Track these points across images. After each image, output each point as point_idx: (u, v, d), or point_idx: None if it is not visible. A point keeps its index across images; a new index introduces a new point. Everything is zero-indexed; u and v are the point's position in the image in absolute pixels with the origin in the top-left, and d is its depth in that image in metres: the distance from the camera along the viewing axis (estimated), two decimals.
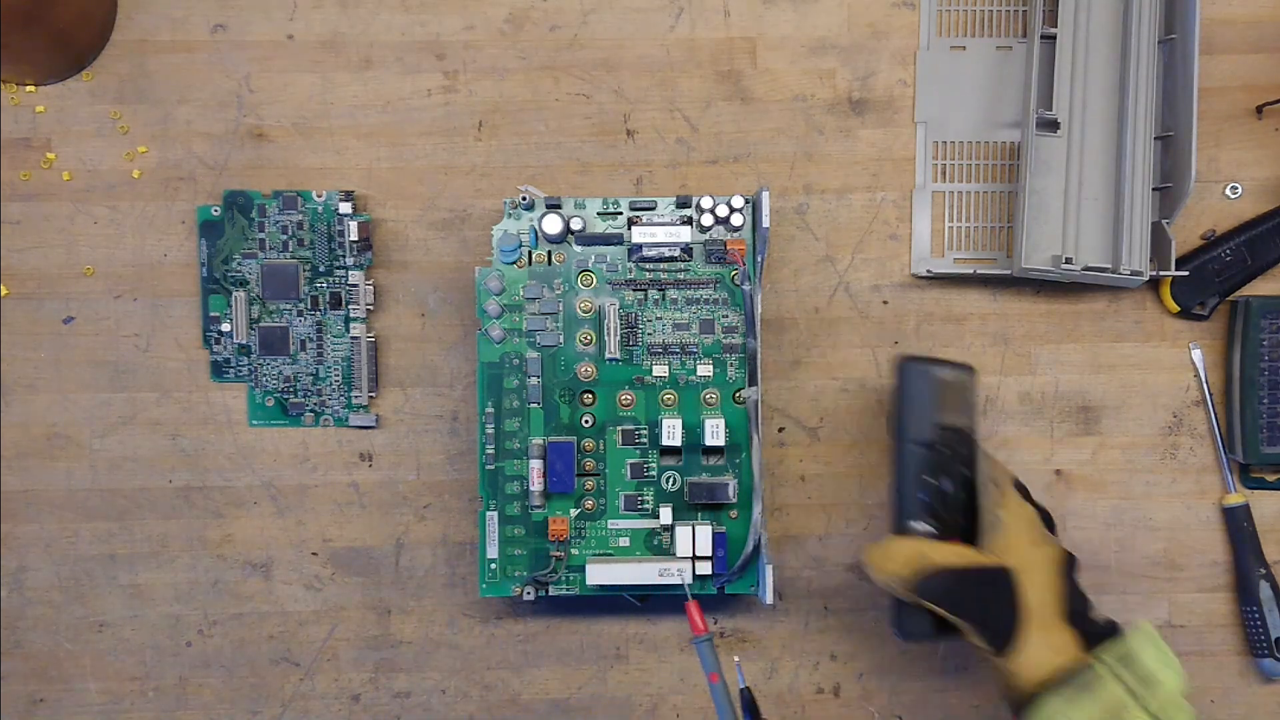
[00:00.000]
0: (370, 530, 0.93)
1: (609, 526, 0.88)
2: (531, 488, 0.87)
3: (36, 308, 0.92)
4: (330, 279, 0.91)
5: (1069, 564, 0.77)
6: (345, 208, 0.91)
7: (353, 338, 0.92)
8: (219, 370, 0.92)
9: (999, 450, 0.93)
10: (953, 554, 0.75)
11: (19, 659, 0.93)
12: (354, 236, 0.91)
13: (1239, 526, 0.93)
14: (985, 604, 0.74)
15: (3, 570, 0.93)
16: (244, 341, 0.92)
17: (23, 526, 0.93)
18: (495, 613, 0.94)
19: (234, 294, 0.91)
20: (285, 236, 0.91)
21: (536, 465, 0.87)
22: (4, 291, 0.92)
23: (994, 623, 0.74)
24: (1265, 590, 0.92)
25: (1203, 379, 0.93)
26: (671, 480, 0.88)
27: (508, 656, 0.94)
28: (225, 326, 0.92)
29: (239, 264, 0.91)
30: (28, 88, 0.92)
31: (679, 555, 0.86)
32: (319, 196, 0.91)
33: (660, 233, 0.87)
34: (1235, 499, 0.93)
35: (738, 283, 0.88)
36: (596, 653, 0.94)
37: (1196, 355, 0.93)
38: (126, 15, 0.92)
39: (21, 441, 0.93)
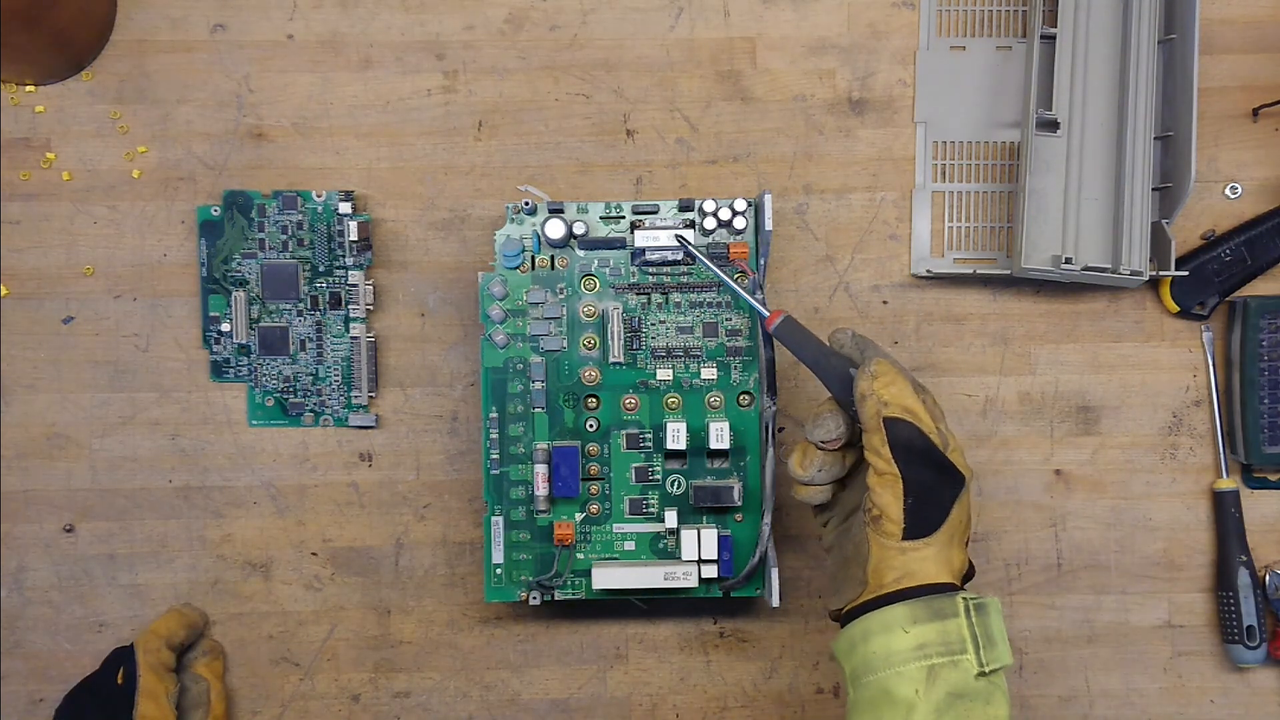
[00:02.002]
0: (370, 530, 0.93)
1: (614, 530, 0.88)
2: (536, 493, 0.87)
3: (36, 308, 0.92)
4: (330, 279, 0.91)
5: None
6: (345, 208, 0.91)
7: (352, 338, 0.92)
8: (219, 370, 0.92)
9: (999, 450, 0.94)
10: (932, 431, 0.73)
11: (19, 659, 0.93)
12: (354, 236, 0.91)
13: (1226, 512, 0.93)
14: (928, 486, 0.73)
15: (3, 570, 0.93)
16: (244, 341, 0.92)
17: (22, 526, 0.93)
18: (495, 613, 0.94)
19: (234, 294, 0.91)
20: (285, 236, 0.91)
21: (541, 470, 0.87)
22: (4, 291, 0.92)
23: (923, 509, 0.73)
24: (1243, 577, 0.92)
25: (1210, 363, 0.94)
26: (676, 484, 0.88)
27: (508, 656, 0.94)
28: (225, 326, 0.92)
29: (239, 264, 0.91)
30: (28, 88, 0.92)
31: (685, 559, 0.86)
32: (319, 196, 0.91)
33: (663, 236, 0.87)
34: (1226, 484, 0.93)
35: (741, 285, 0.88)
36: (596, 653, 0.94)
37: (1207, 337, 0.93)
38: (126, 15, 0.92)
39: (21, 441, 0.92)
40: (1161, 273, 0.90)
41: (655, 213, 0.87)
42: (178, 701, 0.87)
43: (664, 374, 0.88)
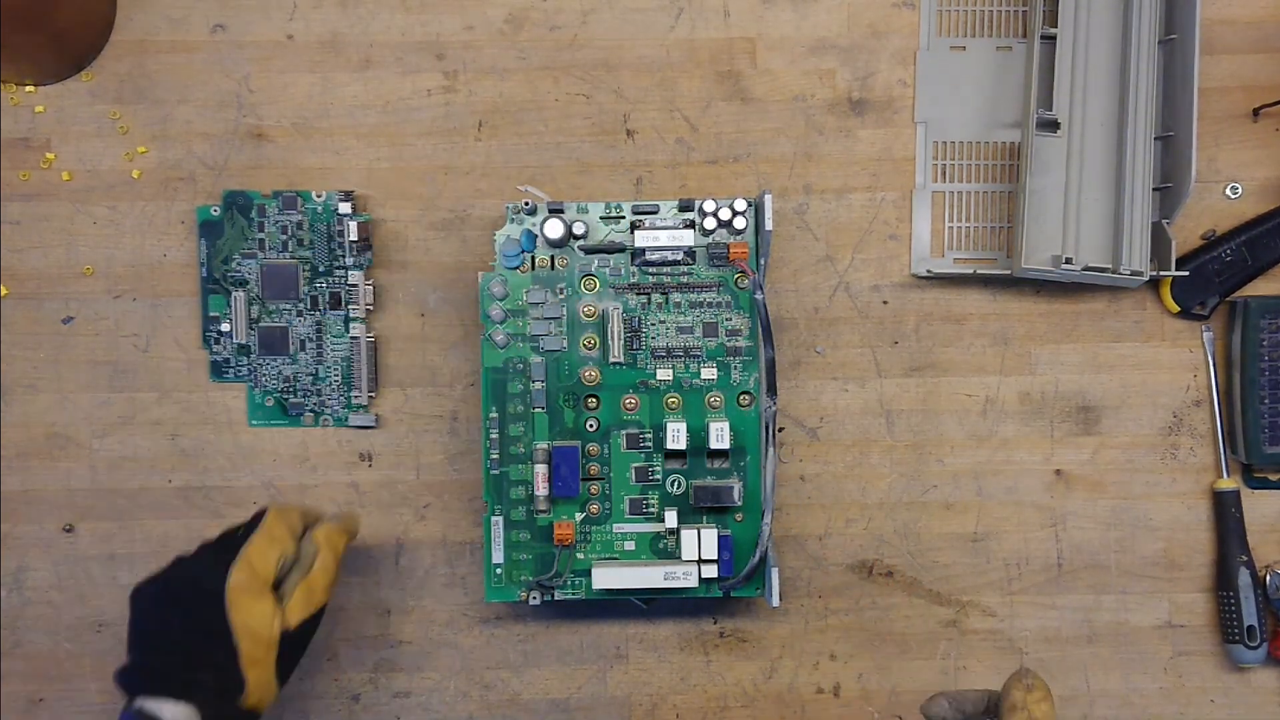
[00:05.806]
0: (370, 530, 0.93)
1: (614, 530, 0.88)
2: (536, 492, 0.87)
3: (36, 308, 0.92)
4: (330, 279, 0.91)
5: None
6: (345, 208, 0.91)
7: (352, 338, 0.92)
8: (219, 370, 0.92)
9: (999, 450, 0.94)
10: None
11: (19, 659, 0.93)
12: (354, 236, 0.91)
13: (1227, 511, 0.93)
14: None
15: (3, 570, 0.93)
16: (244, 341, 0.92)
17: (23, 526, 0.93)
18: (495, 613, 0.94)
19: (234, 294, 0.91)
20: (285, 236, 0.91)
21: (541, 470, 0.87)
22: (4, 291, 0.92)
23: None
24: (1244, 577, 0.92)
25: (1210, 363, 0.93)
26: (676, 484, 0.88)
27: (508, 656, 0.94)
28: (225, 326, 0.92)
29: (239, 264, 0.91)
30: (28, 88, 0.92)
31: (685, 559, 0.86)
32: (319, 196, 0.91)
33: (663, 236, 0.87)
34: (1227, 484, 0.93)
35: (741, 285, 0.88)
36: (596, 653, 0.94)
37: (1207, 337, 0.93)
38: (126, 15, 0.92)
39: (21, 441, 0.92)
40: (1162, 273, 0.90)
41: (655, 213, 0.87)
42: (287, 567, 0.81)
43: (664, 374, 0.88)
